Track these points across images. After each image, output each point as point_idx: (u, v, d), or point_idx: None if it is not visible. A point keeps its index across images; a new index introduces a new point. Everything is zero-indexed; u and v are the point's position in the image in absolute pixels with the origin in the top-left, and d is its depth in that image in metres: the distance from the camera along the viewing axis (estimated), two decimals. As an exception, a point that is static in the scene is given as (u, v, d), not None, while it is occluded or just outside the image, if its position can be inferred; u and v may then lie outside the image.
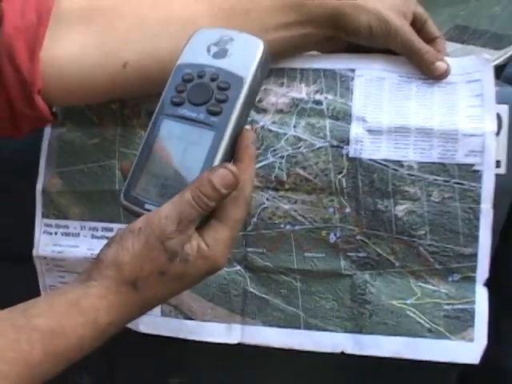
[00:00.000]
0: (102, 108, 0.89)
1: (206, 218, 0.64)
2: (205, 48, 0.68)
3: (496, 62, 0.91)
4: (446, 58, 0.83)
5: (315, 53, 0.86)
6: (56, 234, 0.91)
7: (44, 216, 0.92)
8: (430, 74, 0.82)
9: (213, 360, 0.93)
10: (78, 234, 0.91)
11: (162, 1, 0.82)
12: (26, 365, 0.60)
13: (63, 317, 0.61)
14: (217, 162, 0.63)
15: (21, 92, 0.74)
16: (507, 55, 0.92)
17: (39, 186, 0.92)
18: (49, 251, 0.92)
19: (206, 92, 0.65)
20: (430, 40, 0.84)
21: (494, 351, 0.80)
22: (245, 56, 0.67)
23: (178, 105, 0.66)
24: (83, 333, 0.61)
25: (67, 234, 0.91)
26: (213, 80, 0.66)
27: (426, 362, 0.83)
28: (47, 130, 0.91)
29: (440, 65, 0.81)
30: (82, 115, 0.90)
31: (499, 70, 0.90)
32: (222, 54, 0.67)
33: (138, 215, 0.64)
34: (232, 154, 0.65)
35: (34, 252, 0.92)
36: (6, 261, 1.01)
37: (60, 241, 0.91)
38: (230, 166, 0.62)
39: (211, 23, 0.78)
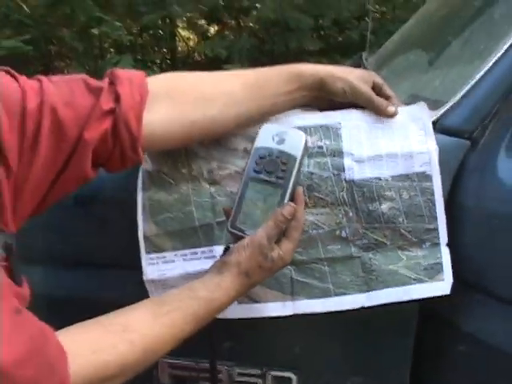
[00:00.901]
0: (175, 173, 1.32)
1: (280, 237, 1.15)
2: (270, 137, 1.19)
3: (433, 119, 1.32)
4: (401, 108, 1.28)
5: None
6: (157, 263, 1.32)
7: (147, 252, 1.33)
8: (385, 115, 1.27)
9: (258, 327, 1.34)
10: (173, 260, 1.32)
11: (214, 81, 1.32)
12: (194, 319, 1.09)
13: (213, 292, 1.11)
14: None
15: (131, 146, 1.18)
16: (440, 113, 1.33)
17: (140, 234, 1.32)
18: (154, 276, 1.33)
19: (274, 165, 1.16)
20: (386, 97, 1.30)
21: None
22: (295, 143, 1.18)
23: (258, 172, 1.17)
24: (222, 301, 1.12)
25: (165, 262, 1.32)
26: (277, 157, 1.16)
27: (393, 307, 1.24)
28: (139, 194, 1.32)
29: (389, 109, 1.28)
30: (162, 180, 1.32)
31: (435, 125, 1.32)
32: (281, 141, 1.18)
33: (240, 238, 1.15)
34: (291, 200, 1.15)
35: (144, 277, 1.33)
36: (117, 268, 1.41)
37: (161, 267, 1.32)
38: (292, 204, 1.15)
39: (244, 94, 1.27)
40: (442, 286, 1.24)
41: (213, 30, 9.76)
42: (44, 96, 1.10)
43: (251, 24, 9.29)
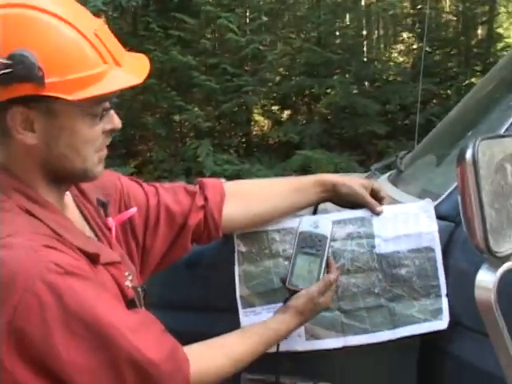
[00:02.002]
0: (260, 252, 1.79)
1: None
2: (309, 224, 1.66)
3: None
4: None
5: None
6: (250, 315, 1.79)
7: (242, 307, 1.79)
8: (375, 212, 1.74)
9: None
10: (261, 312, 1.77)
11: (268, 186, 1.85)
12: (266, 342, 1.55)
13: (279, 325, 1.57)
14: (323, 268, 1.60)
15: (214, 229, 1.71)
16: (435, 204, 1.75)
17: (238, 294, 1.79)
18: (248, 324, 1.72)
19: (313, 242, 1.64)
20: (380, 199, 1.77)
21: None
22: (326, 227, 1.65)
23: (303, 248, 1.64)
24: (285, 331, 1.58)
25: (255, 314, 1.78)
26: (315, 237, 1.64)
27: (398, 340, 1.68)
28: (236, 267, 1.79)
29: (378, 208, 1.74)
30: (251, 258, 1.80)
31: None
32: (316, 227, 1.65)
33: (294, 291, 1.60)
34: (326, 263, 1.62)
35: (241, 326, 1.74)
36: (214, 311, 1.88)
37: (252, 318, 1.77)
38: (335, 273, 1.62)
39: (287, 195, 1.78)
40: (441, 324, 1.68)
41: (285, 115, 10.40)
42: (160, 197, 1.67)
43: (322, 109, 9.87)
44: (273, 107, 10.36)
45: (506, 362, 1.20)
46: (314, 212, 1.85)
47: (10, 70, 1.21)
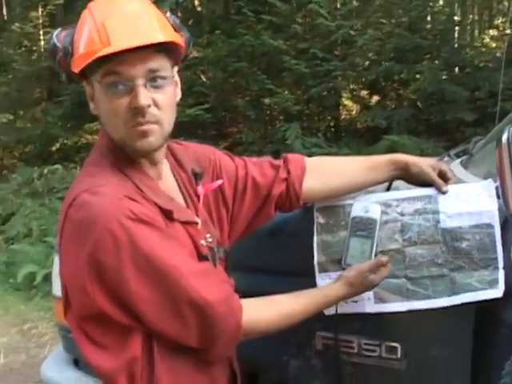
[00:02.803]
0: (337, 224, 1.96)
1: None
2: (360, 209, 1.89)
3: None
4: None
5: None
6: (325, 279, 1.95)
7: (319, 272, 1.98)
8: (441, 191, 1.89)
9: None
10: (335, 277, 1.88)
11: (343, 162, 2.05)
12: (315, 305, 1.75)
13: (329, 291, 1.78)
14: (374, 248, 1.83)
15: (296, 199, 1.92)
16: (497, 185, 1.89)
17: (315, 261, 1.97)
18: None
19: (365, 225, 1.87)
20: (447, 179, 1.92)
21: None
22: (375, 211, 1.88)
23: (356, 231, 1.87)
24: (332, 298, 1.78)
25: (330, 278, 1.92)
26: (366, 221, 1.86)
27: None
28: (315, 236, 1.98)
29: (444, 188, 1.89)
30: (329, 228, 1.97)
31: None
32: (367, 211, 1.88)
33: (347, 267, 1.82)
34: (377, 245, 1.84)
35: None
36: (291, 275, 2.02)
37: (327, 281, 1.92)
38: (386, 257, 1.82)
39: (362, 172, 1.95)
40: (497, 292, 1.83)
41: (374, 100, 10.46)
42: (247, 169, 1.89)
43: (410, 95, 9.87)
44: (361, 92, 10.42)
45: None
46: (388, 189, 2.02)
47: (61, 53, 1.59)
